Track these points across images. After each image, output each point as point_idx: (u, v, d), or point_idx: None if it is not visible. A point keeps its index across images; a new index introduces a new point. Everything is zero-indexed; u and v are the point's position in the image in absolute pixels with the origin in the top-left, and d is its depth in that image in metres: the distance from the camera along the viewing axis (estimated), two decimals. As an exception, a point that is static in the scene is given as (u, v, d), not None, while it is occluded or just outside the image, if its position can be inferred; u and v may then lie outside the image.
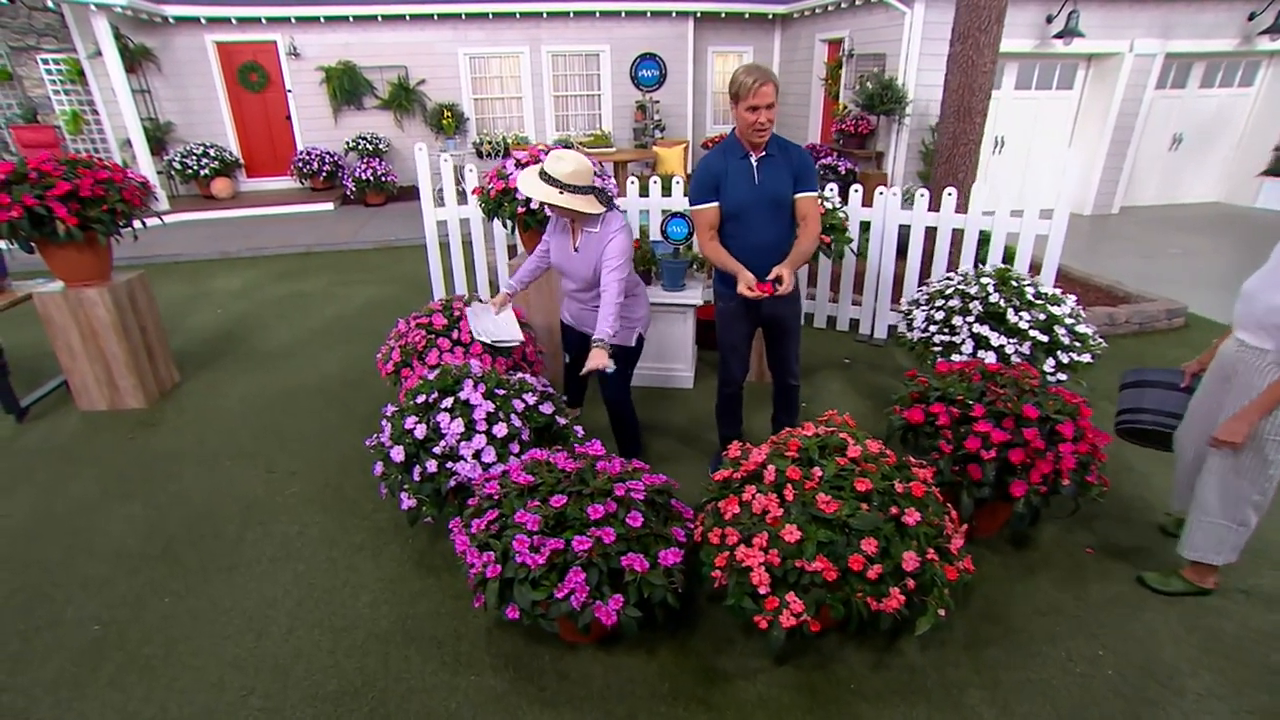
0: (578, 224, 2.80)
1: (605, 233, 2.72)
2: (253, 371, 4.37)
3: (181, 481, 3.19)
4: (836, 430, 2.41)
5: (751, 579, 2.00)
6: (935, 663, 2.27)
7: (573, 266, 2.83)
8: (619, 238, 2.69)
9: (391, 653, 2.25)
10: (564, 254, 2.87)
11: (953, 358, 3.42)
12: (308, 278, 6.42)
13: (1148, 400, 2.59)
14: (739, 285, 2.68)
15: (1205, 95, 9.44)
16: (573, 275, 2.86)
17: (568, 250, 2.85)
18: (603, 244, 2.70)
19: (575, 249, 2.82)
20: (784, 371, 3.21)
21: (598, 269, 2.73)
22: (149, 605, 2.44)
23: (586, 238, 2.77)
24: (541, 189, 2.61)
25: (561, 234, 2.88)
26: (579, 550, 1.93)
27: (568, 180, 2.59)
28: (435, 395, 2.62)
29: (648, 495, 2.14)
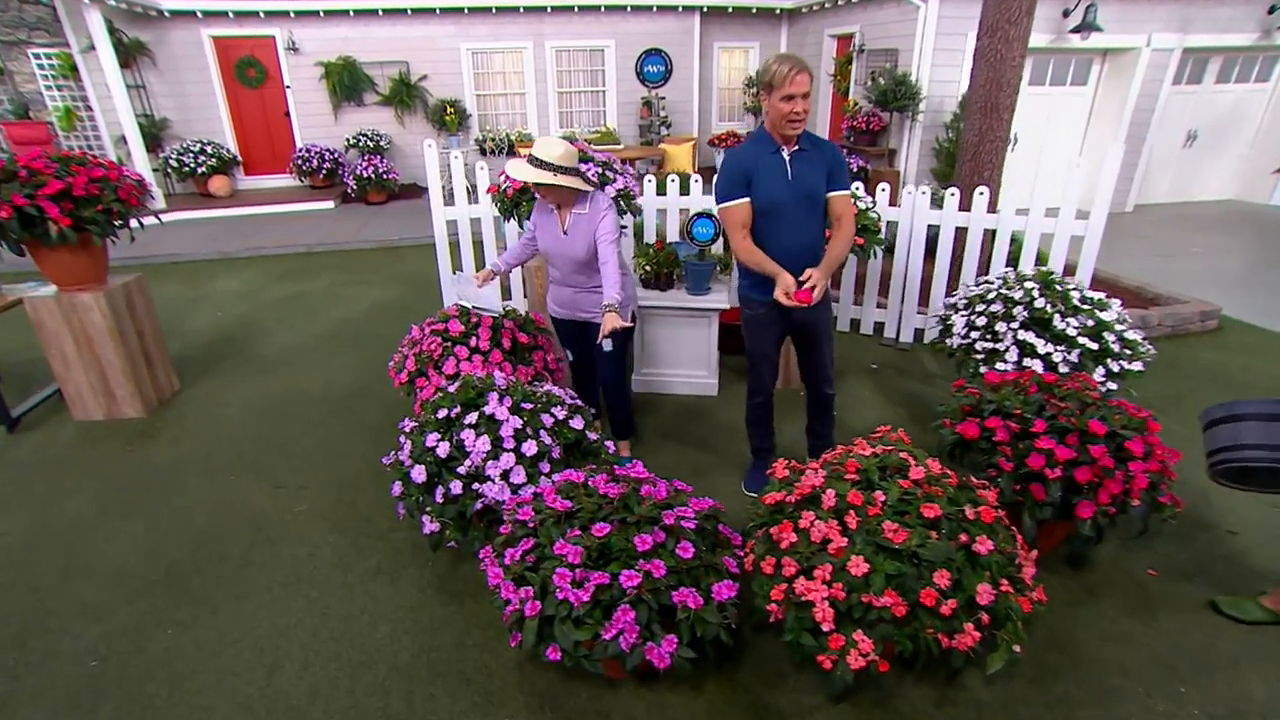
0: (565, 208, 2.87)
1: (596, 211, 2.81)
2: (255, 378, 4.18)
3: (183, 497, 3.00)
4: (894, 449, 2.24)
5: (814, 615, 1.83)
6: (1003, 699, 2.10)
7: (564, 249, 2.89)
8: (610, 214, 2.81)
9: (416, 690, 2.07)
10: (553, 239, 2.93)
11: (997, 366, 3.25)
12: (309, 278, 6.22)
13: (1248, 435, 2.29)
14: (776, 290, 2.51)
15: (1221, 91, 9.29)
16: (564, 258, 2.92)
17: (556, 234, 2.90)
18: (595, 222, 2.80)
19: (564, 232, 2.88)
20: (819, 379, 3.05)
21: (591, 247, 2.83)
22: (151, 636, 2.26)
23: (576, 219, 2.85)
24: (535, 173, 2.68)
25: (549, 219, 2.93)
26: (627, 586, 1.76)
27: (560, 163, 2.68)
28: (457, 409, 2.44)
29: (698, 523, 1.97)
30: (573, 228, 2.86)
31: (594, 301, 3.00)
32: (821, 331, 2.91)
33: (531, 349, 3.28)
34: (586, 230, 2.83)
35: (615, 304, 2.69)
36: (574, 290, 3.01)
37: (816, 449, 3.25)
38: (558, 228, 2.89)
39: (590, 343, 3.10)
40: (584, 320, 3.09)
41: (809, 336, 2.92)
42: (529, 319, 3.34)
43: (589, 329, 3.09)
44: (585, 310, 3.04)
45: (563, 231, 2.88)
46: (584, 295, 3.00)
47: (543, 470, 2.34)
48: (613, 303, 2.68)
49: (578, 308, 3.05)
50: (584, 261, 2.88)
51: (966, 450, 2.63)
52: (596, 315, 3.02)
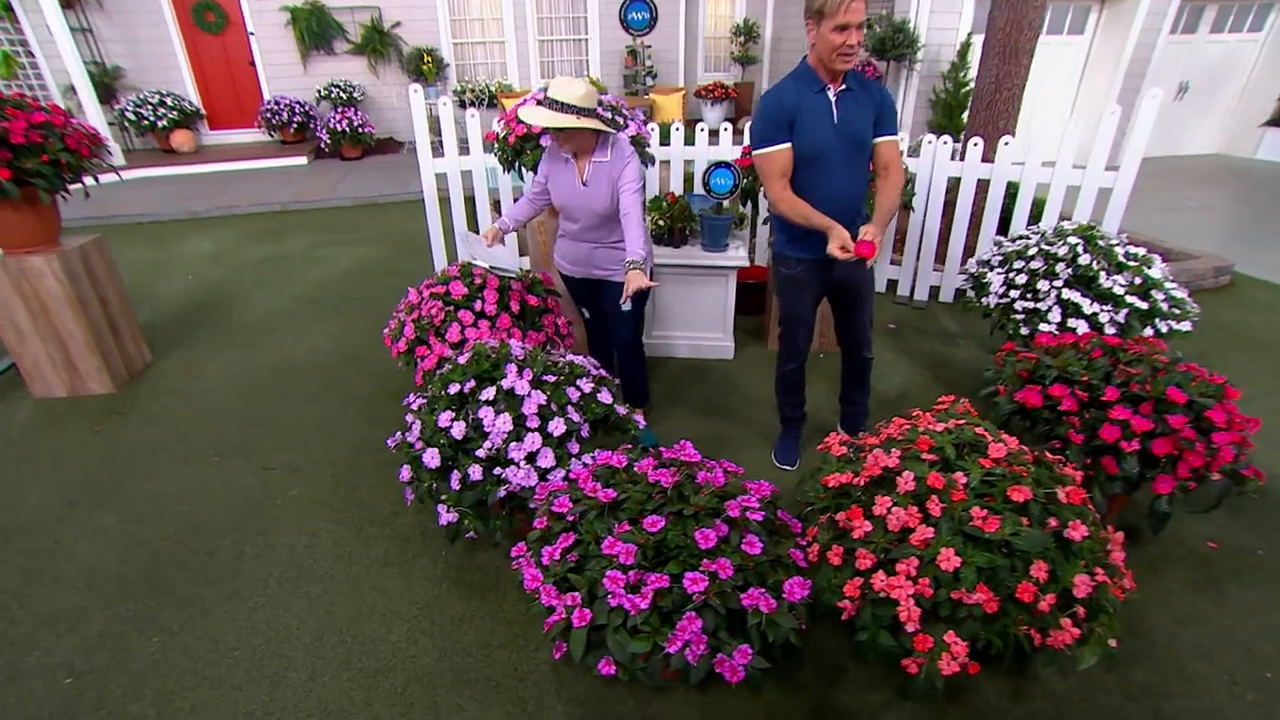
0: (583, 156, 2.59)
1: (619, 157, 2.54)
2: (234, 348, 3.84)
3: (161, 483, 2.70)
4: (966, 422, 2.01)
5: (899, 614, 1.63)
6: (1081, 689, 1.94)
7: (583, 202, 2.61)
8: (634, 161, 2.54)
9: (440, 701, 1.85)
10: (570, 191, 2.63)
11: (1041, 327, 3.04)
12: (286, 238, 5.81)
13: None
14: (830, 245, 2.25)
15: (1214, 41, 9.08)
16: (582, 212, 2.64)
17: (573, 186, 2.62)
18: (617, 169, 2.53)
19: (584, 183, 2.60)
20: (859, 343, 2.81)
21: (613, 198, 2.56)
22: (133, 647, 1.99)
23: (596, 168, 2.57)
24: (555, 116, 2.37)
25: (563, 170, 2.64)
26: (693, 591, 1.53)
27: (581, 104, 2.38)
28: (471, 384, 2.17)
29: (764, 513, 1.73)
30: (593, 177, 2.56)
31: (612, 258, 2.73)
32: (864, 291, 2.67)
33: (541, 312, 3.00)
34: (607, 179, 2.54)
35: (640, 261, 2.44)
36: (591, 246, 2.72)
37: (852, 418, 3.04)
38: (574, 178, 2.59)
39: (608, 302, 2.84)
40: (599, 279, 2.81)
41: (851, 297, 2.67)
42: (537, 280, 3.05)
43: (605, 288, 2.82)
44: (602, 268, 2.76)
45: (581, 182, 2.58)
46: (602, 251, 2.72)
47: (571, 451, 2.09)
48: (637, 259, 2.44)
49: (594, 265, 2.77)
50: (605, 215, 2.60)
51: (1026, 420, 2.43)
52: (614, 273, 2.75)
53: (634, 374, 2.99)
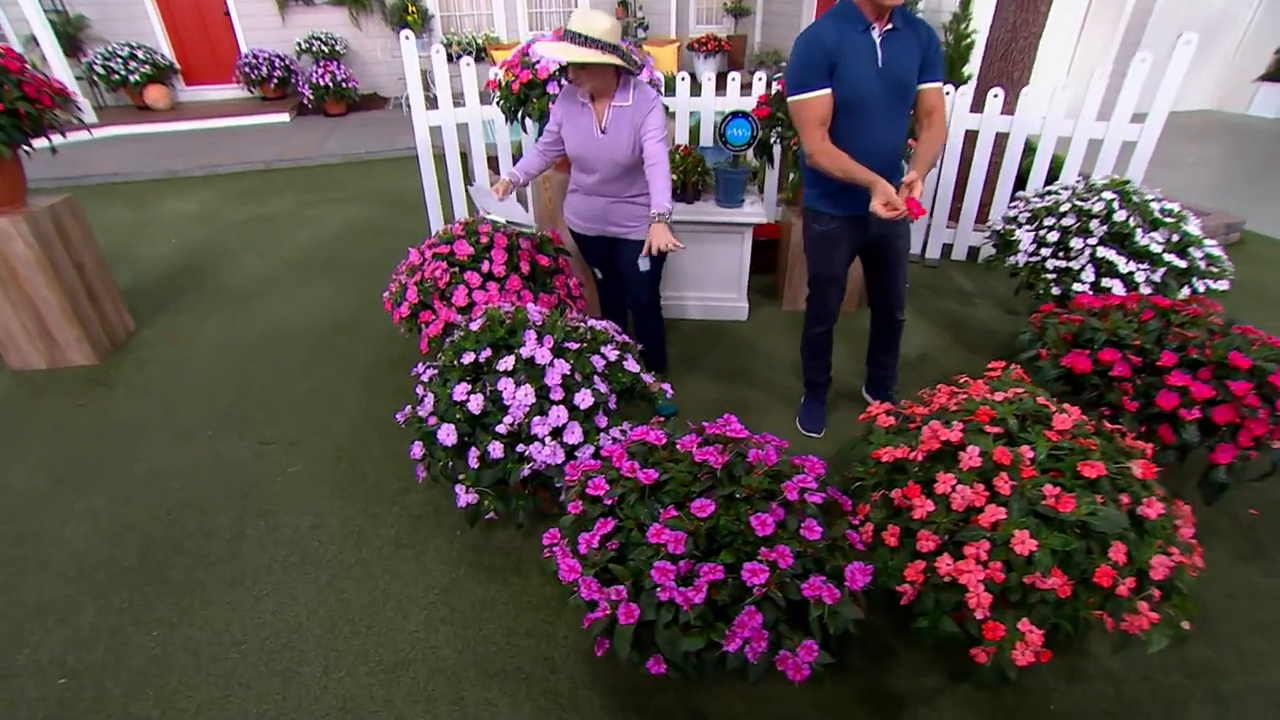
0: (603, 99, 2.36)
1: (643, 101, 2.33)
2: (222, 313, 3.62)
3: (152, 460, 2.53)
4: (1024, 391, 1.87)
5: (968, 601, 1.50)
6: (1139, 669, 1.84)
7: (601, 151, 2.40)
8: (659, 107, 2.35)
9: (467, 695, 1.72)
10: (587, 139, 2.41)
11: (1074, 288, 2.88)
12: (271, 198, 5.52)
13: None
14: (874, 202, 2.06)
15: (1218, -12, 8.75)
16: (601, 162, 2.43)
17: (592, 134, 2.39)
18: (640, 114, 2.32)
19: (602, 130, 2.38)
20: (892, 304, 2.65)
21: (635, 147, 2.36)
22: (131, 641, 1.85)
23: (616, 113, 2.35)
24: (579, 51, 2.16)
25: (580, 115, 2.41)
26: (753, 583, 1.38)
27: (605, 38, 2.17)
28: (487, 352, 1.99)
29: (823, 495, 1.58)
30: (612, 124, 2.34)
31: (631, 214, 2.54)
32: (902, 249, 2.50)
33: (552, 273, 2.80)
34: (629, 126, 2.33)
35: (667, 214, 2.27)
36: (608, 201, 2.52)
37: (879, 382, 2.89)
38: (593, 124, 2.37)
39: (624, 262, 2.65)
40: (615, 237, 2.61)
41: (886, 255, 2.50)
42: (547, 238, 2.84)
43: (621, 247, 2.63)
44: (620, 224, 2.56)
45: (600, 129, 2.36)
46: (620, 206, 2.52)
47: (598, 424, 1.93)
48: (664, 211, 2.27)
49: (610, 221, 2.57)
50: (626, 165, 2.39)
51: (1068, 386, 2.29)
52: (633, 230, 2.56)
53: (652, 338, 2.82)
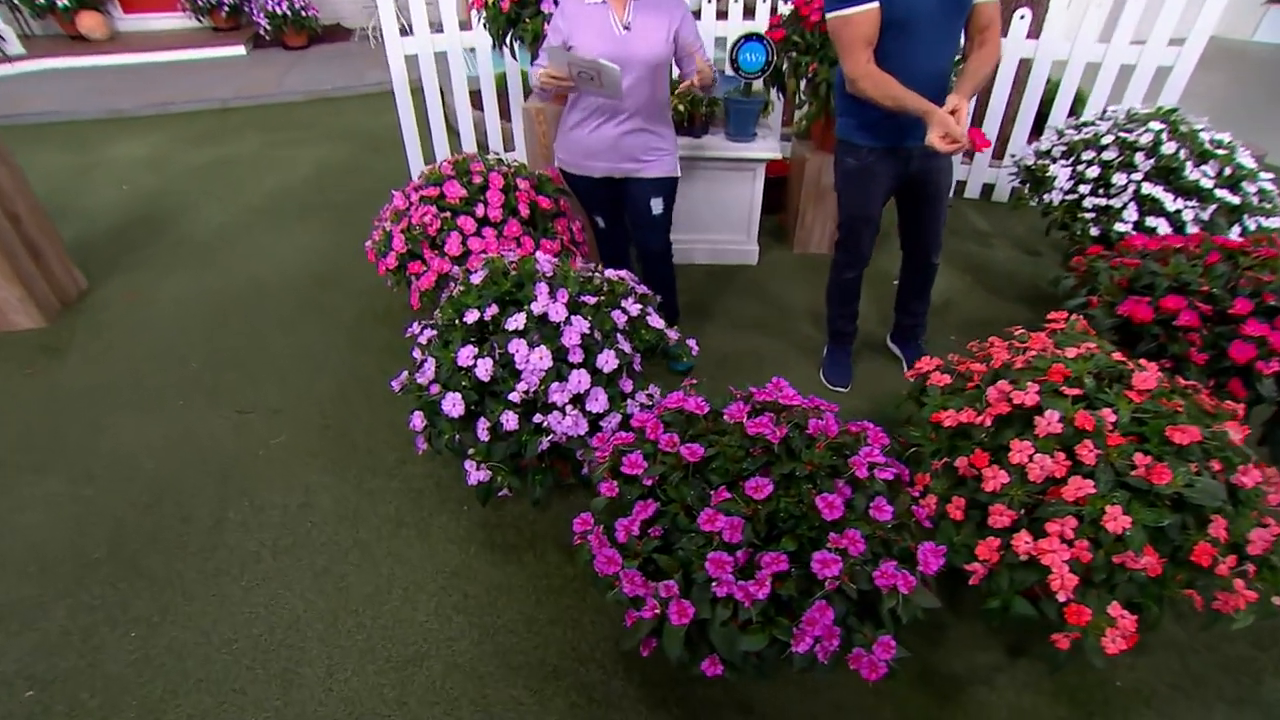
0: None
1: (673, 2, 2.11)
2: (186, 269, 3.30)
3: (115, 435, 2.27)
4: (1095, 346, 1.68)
5: (1051, 583, 1.34)
6: (1204, 639, 1.73)
7: (627, 51, 2.07)
8: (690, 13, 2.17)
9: (490, 693, 1.55)
10: (607, 40, 2.07)
11: (1116, 228, 2.67)
12: (231, 140, 5.07)
13: None
14: (930, 134, 1.81)
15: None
16: (627, 64, 2.08)
17: (611, 33, 2.07)
18: (675, 16, 2.10)
19: (625, 26, 2.08)
20: (928, 247, 2.43)
21: (668, 45, 2.12)
22: (106, 645, 1.64)
23: (639, 6, 2.08)
24: None
25: (592, 17, 2.07)
26: (824, 575, 1.20)
27: None
28: (493, 309, 1.75)
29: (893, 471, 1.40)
30: (638, 18, 2.06)
31: (647, 146, 2.26)
32: (943, 186, 2.26)
33: (554, 215, 2.54)
34: (657, 21, 2.07)
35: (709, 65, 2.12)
36: (620, 130, 2.20)
37: (908, 332, 2.70)
38: (610, 24, 2.06)
39: (634, 205, 2.39)
40: (625, 175, 2.33)
41: (927, 191, 2.27)
42: (546, 178, 2.56)
43: (631, 189, 2.35)
44: (633, 158, 2.27)
45: (621, 26, 2.06)
46: (636, 136, 2.22)
47: (624, 389, 1.72)
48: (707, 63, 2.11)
49: (622, 155, 2.26)
50: (654, 66, 2.11)
51: (1126, 337, 2.11)
52: (646, 165, 2.29)
53: (666, 289, 2.59)
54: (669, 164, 2.33)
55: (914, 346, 2.71)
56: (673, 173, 2.36)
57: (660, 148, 2.29)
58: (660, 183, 2.34)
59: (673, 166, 2.35)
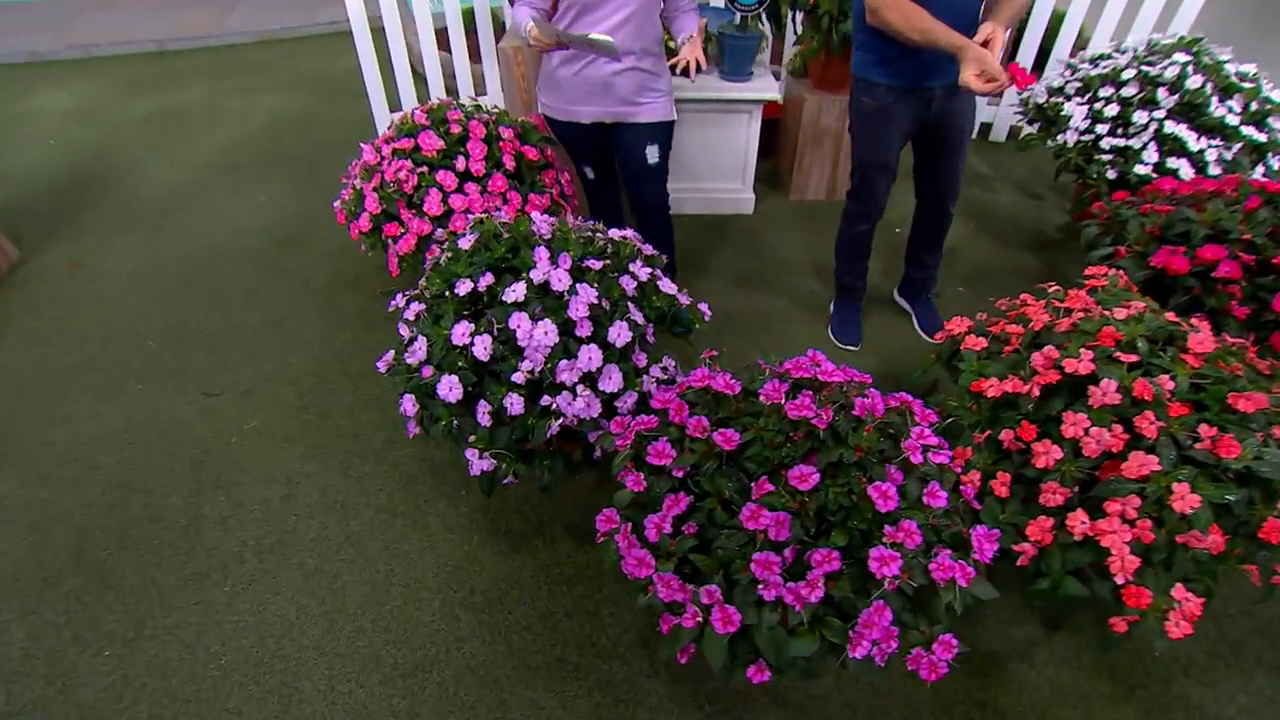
0: None
1: None
2: (135, 234, 3.01)
3: (70, 427, 2.07)
4: (1145, 306, 1.56)
5: (1110, 565, 1.25)
6: (1236, 602, 1.69)
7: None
8: None
9: (509, 698, 1.44)
10: None
11: (1136, 170, 2.54)
12: (173, 87, 4.64)
13: None
14: (963, 73, 1.63)
15: None
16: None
17: None
18: None
19: None
20: (943, 194, 2.28)
21: None
22: (77, 668, 1.48)
23: None
24: None
25: None
26: (883, 574, 1.09)
27: None
28: (488, 278, 1.57)
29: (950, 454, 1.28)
30: None
31: (640, 86, 2.04)
32: (965, 128, 2.10)
33: (541, 167, 2.32)
34: None
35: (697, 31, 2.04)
36: (613, 66, 1.96)
37: (918, 285, 2.57)
38: None
39: (627, 153, 2.17)
40: (616, 120, 2.10)
41: (947, 135, 2.10)
42: (531, 126, 2.34)
43: (624, 135, 2.14)
44: (626, 101, 2.05)
45: None
46: (629, 76, 2.00)
47: (637, 363, 1.56)
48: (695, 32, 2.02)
49: (614, 97, 2.03)
50: None
51: (1159, 289, 2.00)
52: (640, 108, 2.08)
53: (665, 246, 2.40)
54: (664, 107, 2.13)
55: (924, 301, 2.59)
56: (669, 116, 2.16)
57: (655, 88, 2.08)
58: (656, 128, 2.14)
59: (669, 109, 2.15)
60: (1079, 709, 1.47)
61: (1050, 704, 1.48)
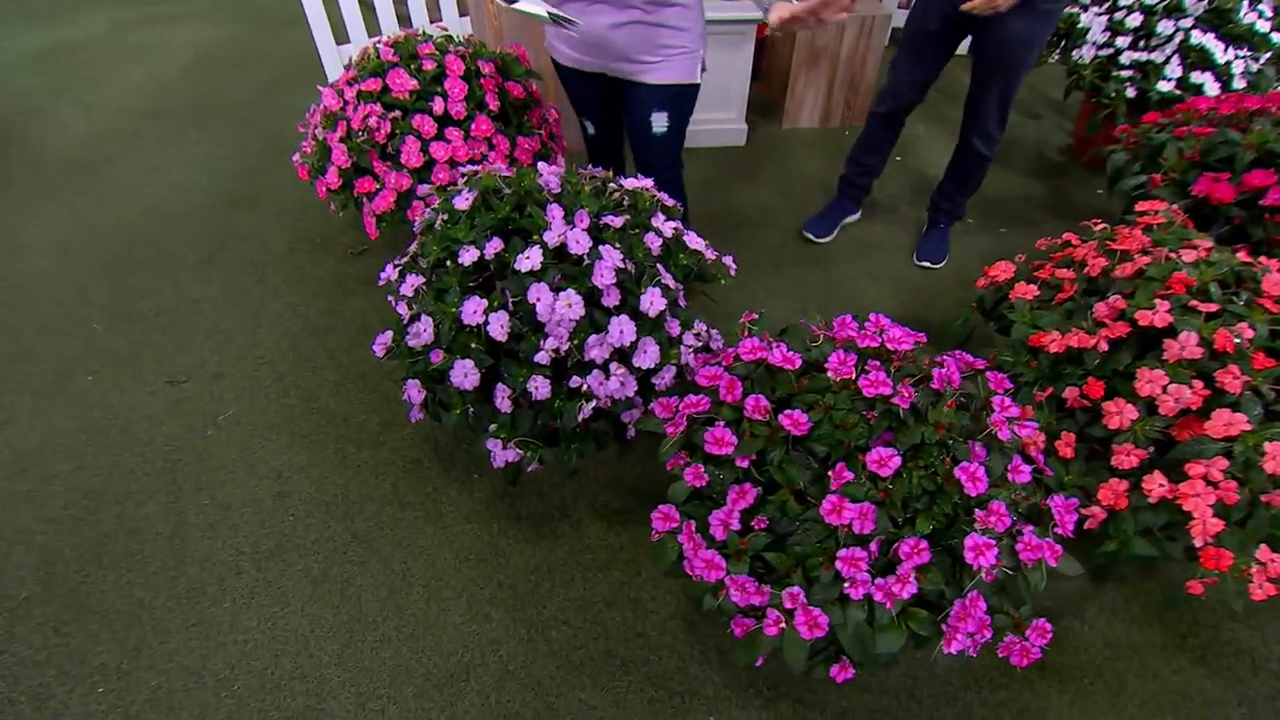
0: None
1: None
2: (54, 198, 2.64)
3: (12, 432, 1.81)
4: (1210, 246, 1.46)
5: (1191, 529, 1.19)
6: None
7: None
8: None
9: (557, 701, 1.35)
10: None
11: (1159, 86, 2.41)
12: (72, 18, 4.06)
13: None
14: None
15: None
16: None
17: None
18: None
19: None
20: (978, 126, 2.14)
21: None
22: (70, 709, 1.31)
23: None
24: None
25: None
26: (978, 565, 1.00)
27: None
28: (496, 244, 1.37)
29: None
30: None
31: (646, 42, 1.63)
32: (1001, 56, 1.93)
33: (527, 106, 2.08)
34: None
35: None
36: (612, 18, 1.58)
37: (931, 209, 2.47)
38: None
39: (633, 114, 1.79)
40: (620, 77, 1.73)
41: (987, 52, 1.95)
42: (513, 58, 2.07)
43: (628, 93, 1.76)
44: (633, 57, 1.64)
45: None
46: (632, 31, 1.60)
47: (671, 332, 1.41)
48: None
49: (612, 53, 1.65)
50: None
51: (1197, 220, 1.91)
52: (648, 67, 1.67)
53: None
54: (681, 67, 1.68)
55: (932, 229, 2.48)
56: (686, 79, 1.72)
57: (671, 45, 1.64)
58: (665, 92, 1.70)
59: (687, 71, 1.70)
60: (1134, 661, 1.45)
61: (1105, 658, 1.45)
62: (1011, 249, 2.51)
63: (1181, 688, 1.43)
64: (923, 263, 2.42)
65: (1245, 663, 1.47)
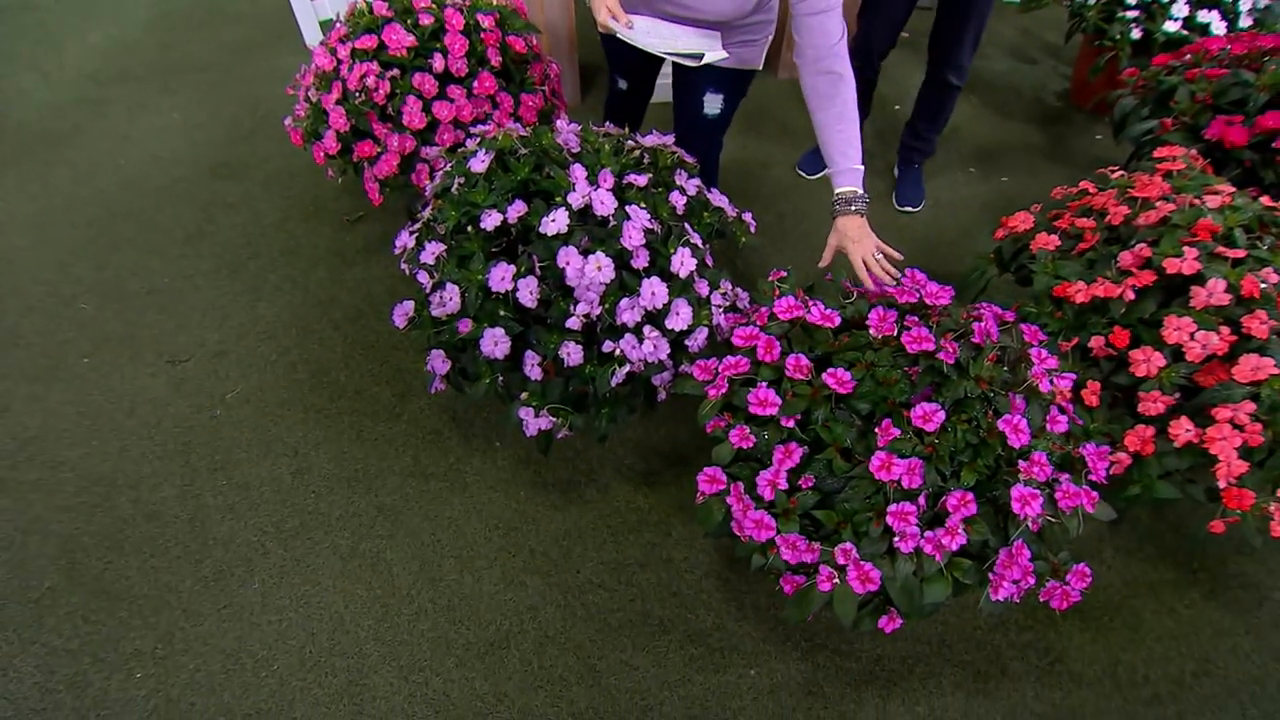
0: None
1: None
2: (22, 171, 2.50)
3: (14, 420, 1.74)
4: (1226, 190, 1.47)
5: (1217, 472, 1.22)
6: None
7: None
8: None
9: (599, 663, 1.36)
10: None
11: (1165, 28, 2.39)
12: (17, -23, 3.80)
13: None
14: None
15: None
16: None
17: None
18: None
19: None
20: (951, 60, 2.11)
21: None
22: (109, 696, 1.29)
23: None
24: None
25: None
26: (1026, 514, 1.02)
27: None
28: (519, 208, 1.33)
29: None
30: None
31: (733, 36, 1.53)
32: None
33: (528, 61, 2.00)
34: None
35: (859, 194, 1.49)
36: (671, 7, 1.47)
37: (906, 152, 2.45)
38: None
39: (680, 91, 1.71)
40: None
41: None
42: (511, 10, 1.98)
43: (681, 69, 1.65)
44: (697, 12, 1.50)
45: None
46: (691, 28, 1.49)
47: (700, 292, 1.39)
48: (855, 190, 1.47)
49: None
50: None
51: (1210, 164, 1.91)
52: None
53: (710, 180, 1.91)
54: (750, 52, 1.59)
55: (907, 170, 2.46)
56: (749, 64, 1.63)
57: (743, 39, 1.56)
58: (726, 75, 1.61)
59: (752, 56, 1.61)
60: (1151, 597, 1.51)
61: (1124, 596, 1.51)
62: (1014, 197, 2.52)
63: (1194, 620, 1.49)
64: (904, 207, 2.42)
65: (1252, 595, 1.53)
